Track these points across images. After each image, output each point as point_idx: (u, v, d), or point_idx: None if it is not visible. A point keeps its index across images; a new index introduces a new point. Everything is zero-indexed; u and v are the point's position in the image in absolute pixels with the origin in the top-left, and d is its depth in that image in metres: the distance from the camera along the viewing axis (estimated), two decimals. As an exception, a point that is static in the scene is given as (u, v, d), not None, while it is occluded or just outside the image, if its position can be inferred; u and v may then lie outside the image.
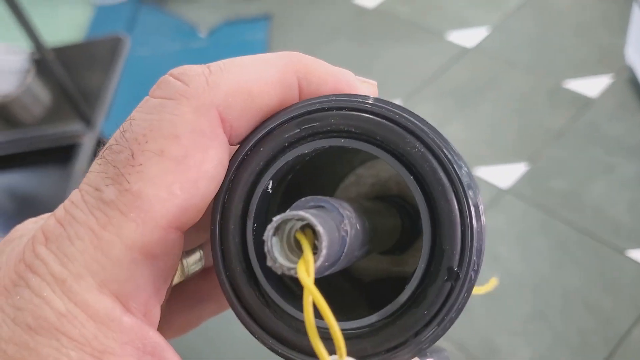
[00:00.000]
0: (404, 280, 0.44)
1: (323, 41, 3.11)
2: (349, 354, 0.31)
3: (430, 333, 0.31)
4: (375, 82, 0.39)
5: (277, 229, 0.28)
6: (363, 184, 0.47)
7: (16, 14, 1.87)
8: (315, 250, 0.27)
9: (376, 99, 0.33)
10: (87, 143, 2.07)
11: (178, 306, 0.43)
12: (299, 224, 0.28)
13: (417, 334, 0.31)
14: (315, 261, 0.27)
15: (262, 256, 0.33)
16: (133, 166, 0.30)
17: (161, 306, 0.33)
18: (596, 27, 2.87)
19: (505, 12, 3.05)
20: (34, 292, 0.29)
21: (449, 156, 0.31)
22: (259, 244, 0.34)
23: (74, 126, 2.12)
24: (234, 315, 0.34)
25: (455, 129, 2.47)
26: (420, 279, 0.32)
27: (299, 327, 0.32)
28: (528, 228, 2.12)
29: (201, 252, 0.41)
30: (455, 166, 0.31)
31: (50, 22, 3.35)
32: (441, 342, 0.33)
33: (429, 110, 2.59)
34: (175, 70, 0.33)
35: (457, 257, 0.31)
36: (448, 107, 2.61)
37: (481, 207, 0.32)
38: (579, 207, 2.14)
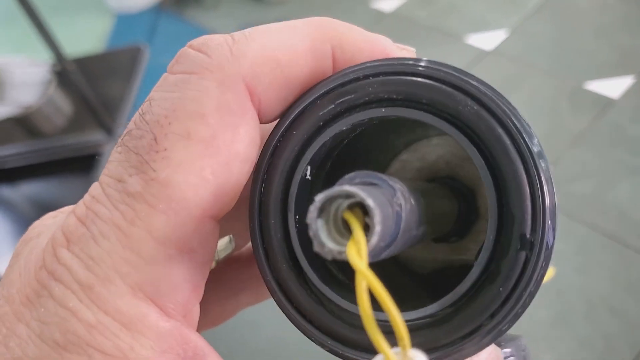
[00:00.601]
0: (466, 268, 0.41)
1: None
2: (418, 345, 0.28)
3: (508, 312, 0.27)
4: (413, 49, 0.36)
5: (322, 210, 0.24)
6: (409, 170, 0.43)
7: (37, 26, 1.89)
8: (367, 229, 0.24)
9: (414, 59, 0.30)
10: (109, 152, 2.07)
11: (213, 296, 0.39)
12: (346, 202, 0.24)
13: (493, 314, 0.28)
14: (367, 241, 0.23)
15: (309, 250, 0.30)
16: (157, 152, 0.27)
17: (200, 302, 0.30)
18: (617, 28, 2.83)
19: (524, 14, 3.02)
20: (59, 302, 0.26)
21: (506, 109, 0.28)
22: (304, 237, 0.31)
23: (95, 136, 2.13)
24: (275, 312, 0.31)
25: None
26: (490, 251, 0.28)
27: (359, 323, 0.29)
28: (551, 232, 2.09)
29: (230, 235, 0.38)
30: (514, 119, 0.28)
31: (71, 32, 3.38)
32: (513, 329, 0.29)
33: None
34: (195, 42, 0.30)
35: (529, 221, 0.27)
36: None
37: (548, 163, 0.29)
38: (603, 209, 2.11)
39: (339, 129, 0.30)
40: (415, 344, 0.28)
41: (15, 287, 0.28)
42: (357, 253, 0.23)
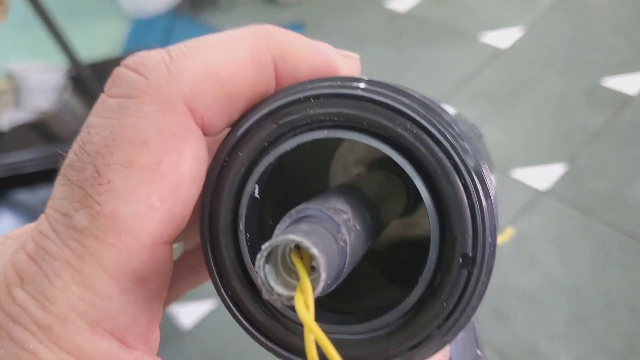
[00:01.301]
0: (418, 242, 0.41)
1: (356, 47, 3.08)
2: (369, 356, 0.29)
3: (452, 325, 0.29)
4: (357, 56, 0.35)
5: (269, 256, 0.25)
6: (359, 149, 0.43)
7: (52, 32, 1.90)
8: (314, 270, 0.25)
9: (356, 79, 0.30)
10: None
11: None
12: (293, 243, 0.25)
13: (439, 327, 0.29)
14: (314, 288, 0.24)
15: None
16: (101, 184, 0.26)
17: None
18: (634, 24, 2.81)
19: (539, 12, 3.01)
20: (20, 345, 0.26)
21: (445, 131, 0.28)
22: (255, 254, 0.31)
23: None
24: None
25: (491, 132, 2.44)
26: (433, 269, 0.29)
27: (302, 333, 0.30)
28: (567, 230, 2.07)
29: (181, 242, 0.38)
30: (453, 141, 0.28)
31: (88, 37, 3.40)
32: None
33: (465, 112, 2.55)
34: (131, 60, 0.28)
35: (470, 241, 0.28)
36: (484, 110, 2.58)
37: (488, 180, 0.29)
38: (621, 208, 2.09)
39: (284, 150, 0.30)
40: (365, 355, 0.30)
41: None
42: (305, 303, 0.24)
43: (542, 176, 2.24)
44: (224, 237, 0.31)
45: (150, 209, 0.26)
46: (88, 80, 2.04)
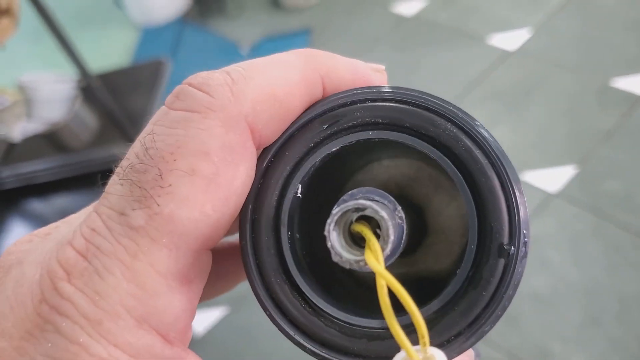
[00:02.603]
0: (422, 280, 0.43)
1: (364, 51, 3.10)
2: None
3: (491, 315, 0.30)
4: (383, 67, 0.37)
5: (337, 223, 0.27)
6: (376, 174, 0.45)
7: (62, 43, 1.92)
8: (377, 238, 0.27)
9: (396, 87, 0.32)
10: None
11: None
12: (355, 215, 0.27)
13: (477, 317, 0.30)
14: (383, 249, 0.26)
15: (301, 265, 0.33)
16: (162, 187, 0.28)
17: None
18: (644, 23, 2.80)
19: (548, 12, 3.00)
20: (68, 338, 0.27)
21: (483, 133, 0.31)
22: (296, 252, 0.33)
23: (122, 149, 2.15)
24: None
25: (501, 133, 2.43)
26: (472, 260, 0.31)
27: (352, 332, 0.32)
28: (580, 232, 2.06)
29: None
30: (489, 142, 0.31)
31: (98, 47, 3.43)
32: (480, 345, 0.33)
33: (475, 115, 2.52)
34: (194, 80, 0.31)
35: (506, 232, 0.30)
36: (493, 112, 2.57)
37: (519, 180, 0.31)
38: (634, 208, 2.08)
39: (329, 150, 0.32)
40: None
41: (10, 322, 0.28)
42: (375, 258, 0.26)
43: (553, 178, 2.24)
44: (266, 233, 0.32)
45: (203, 216, 0.28)
46: (98, 91, 2.06)
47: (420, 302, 0.31)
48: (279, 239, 0.32)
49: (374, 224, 0.28)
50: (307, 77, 0.32)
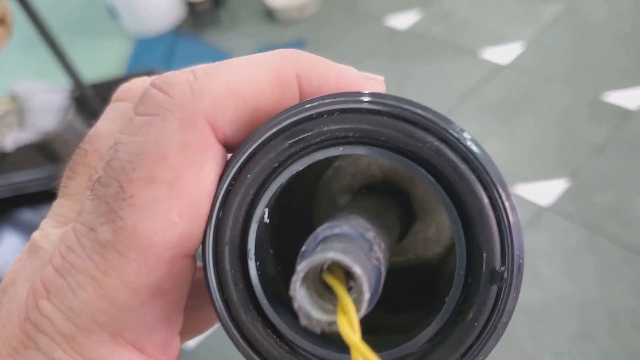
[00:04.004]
0: (409, 269, 0.40)
1: (357, 64, 3.07)
2: None
3: (483, 346, 0.28)
4: (382, 78, 0.35)
5: (304, 279, 0.24)
6: (343, 176, 0.42)
7: (55, 53, 1.92)
8: (349, 289, 0.23)
9: (372, 94, 0.28)
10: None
11: (189, 306, 0.38)
12: (327, 263, 0.24)
13: (469, 348, 0.28)
14: (358, 309, 0.23)
15: (274, 299, 0.30)
16: (124, 200, 0.27)
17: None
18: (635, 37, 2.82)
19: (540, 26, 3.02)
20: (45, 354, 0.27)
21: (469, 146, 0.27)
22: (268, 285, 0.30)
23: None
24: None
25: (493, 147, 2.44)
26: (461, 287, 0.28)
27: None
28: (572, 246, 2.07)
29: None
30: (477, 155, 0.27)
31: (91, 57, 3.42)
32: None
33: (466, 128, 2.55)
34: (158, 80, 0.29)
35: (498, 256, 0.27)
36: (485, 125, 2.58)
37: (512, 195, 0.28)
38: (626, 222, 2.08)
39: (296, 169, 0.29)
40: None
41: (2, 339, 0.28)
42: (349, 325, 0.23)
43: (545, 191, 2.24)
44: (231, 266, 0.29)
45: (169, 223, 0.27)
46: (91, 101, 2.05)
47: (411, 300, 0.30)
48: (246, 272, 0.29)
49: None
50: (280, 75, 0.30)
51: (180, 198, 0.27)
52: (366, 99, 0.28)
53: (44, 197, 2.23)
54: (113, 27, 3.90)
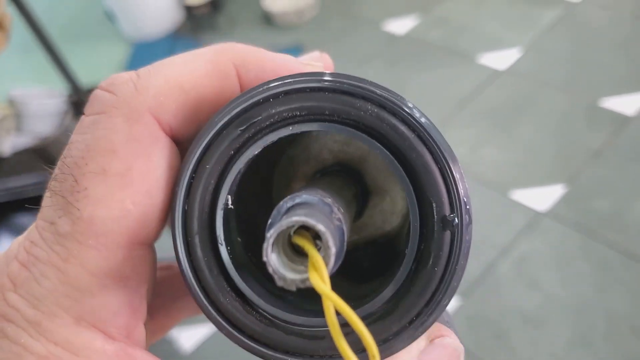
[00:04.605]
0: (372, 243, 0.42)
1: (355, 69, 3.11)
2: (374, 336, 0.29)
3: (446, 288, 0.30)
4: (320, 63, 0.37)
5: (274, 244, 0.26)
6: (297, 164, 0.44)
7: (53, 58, 1.92)
8: (317, 249, 0.26)
9: (307, 74, 0.31)
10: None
11: (155, 305, 0.40)
12: (296, 225, 0.26)
13: (434, 293, 0.30)
14: (326, 263, 0.25)
15: (249, 278, 0.32)
16: (79, 192, 0.29)
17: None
18: (633, 43, 2.83)
19: (538, 32, 3.03)
20: (12, 340, 0.28)
21: (405, 108, 0.30)
22: (241, 266, 0.32)
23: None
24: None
25: (490, 152, 2.44)
26: (417, 237, 0.30)
27: (313, 334, 0.31)
28: (568, 251, 2.07)
29: None
30: (414, 117, 0.30)
31: (89, 62, 3.42)
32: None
33: (464, 133, 2.57)
34: (104, 82, 0.32)
35: (447, 204, 0.30)
36: (483, 130, 2.58)
37: (450, 147, 0.30)
38: (622, 227, 2.09)
39: (252, 153, 0.31)
40: (374, 335, 0.29)
41: None
42: (320, 278, 0.25)
43: (542, 197, 2.24)
44: (204, 254, 0.31)
45: (124, 212, 0.29)
46: (89, 105, 2.06)
47: (376, 271, 0.31)
48: (219, 257, 0.31)
49: (313, 231, 0.27)
50: (217, 67, 0.32)
51: (132, 187, 0.29)
52: (298, 78, 0.30)
53: (41, 201, 2.23)
54: (111, 31, 3.90)
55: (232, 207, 0.32)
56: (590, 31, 2.97)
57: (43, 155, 2.20)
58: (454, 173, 0.30)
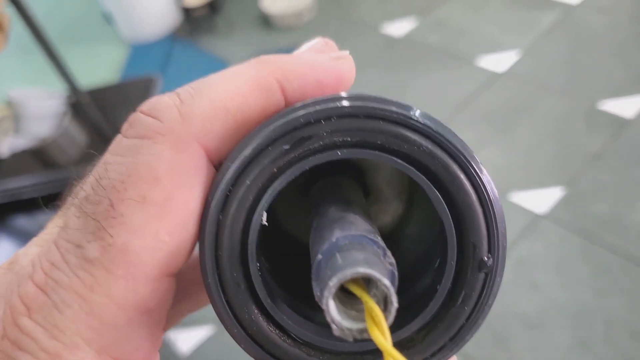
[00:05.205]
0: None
1: (354, 72, 3.11)
2: None
3: (472, 325, 0.30)
4: (347, 52, 0.36)
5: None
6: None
7: (52, 59, 1.92)
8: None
9: (360, 97, 0.30)
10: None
11: None
12: (356, 276, 0.25)
13: (460, 329, 0.30)
14: (386, 317, 0.25)
15: (276, 297, 0.31)
16: (114, 217, 0.27)
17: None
18: (631, 47, 2.83)
19: (536, 35, 3.03)
20: None
21: (457, 145, 0.30)
22: (269, 284, 0.31)
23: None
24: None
25: (490, 155, 2.44)
26: (452, 276, 0.31)
27: (325, 356, 0.31)
28: (568, 254, 2.07)
29: None
30: (467, 156, 0.30)
31: (87, 64, 3.42)
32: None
33: (462, 136, 2.53)
34: (145, 106, 0.30)
35: (485, 247, 0.30)
36: (482, 133, 2.58)
37: (493, 185, 0.30)
38: (621, 231, 2.08)
39: (294, 175, 0.30)
40: None
41: None
42: (380, 332, 0.24)
43: (541, 199, 2.24)
44: (233, 269, 0.30)
45: (158, 243, 0.28)
46: (87, 107, 2.05)
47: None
48: (247, 273, 0.30)
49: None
50: (260, 83, 0.31)
51: (170, 219, 0.28)
52: (352, 103, 0.30)
53: (39, 203, 2.22)
54: (109, 33, 3.90)
55: (266, 224, 0.30)
56: (589, 34, 2.97)
57: (41, 157, 2.19)
58: (497, 216, 0.30)
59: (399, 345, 0.31)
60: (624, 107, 2.51)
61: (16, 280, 0.29)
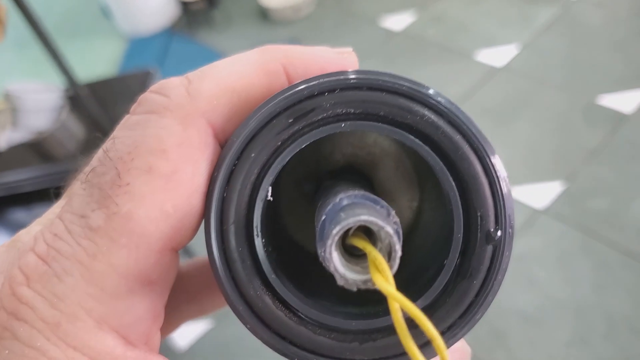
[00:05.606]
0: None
1: (352, 66, 3.10)
2: None
3: (482, 303, 0.30)
4: (350, 49, 0.36)
5: (336, 243, 0.25)
6: (305, 163, 0.42)
7: (50, 52, 1.91)
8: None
9: (364, 71, 0.30)
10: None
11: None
12: (353, 229, 0.25)
13: (469, 306, 0.30)
14: (391, 267, 0.25)
15: (281, 273, 0.31)
16: (120, 186, 0.27)
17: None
18: (629, 42, 2.83)
19: (535, 30, 3.02)
20: (25, 343, 0.26)
21: (461, 117, 0.30)
22: (274, 260, 0.31)
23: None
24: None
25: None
26: (459, 249, 0.30)
27: (342, 336, 0.30)
28: (567, 250, 2.07)
29: None
30: (469, 126, 0.29)
31: (85, 57, 3.41)
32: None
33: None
34: (154, 86, 0.31)
35: (492, 218, 0.29)
36: (481, 128, 2.58)
37: (499, 161, 0.30)
38: (621, 226, 2.09)
39: (299, 147, 0.30)
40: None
41: None
42: (384, 279, 0.25)
43: (540, 195, 2.24)
44: (238, 244, 0.30)
45: (163, 214, 0.28)
46: (85, 101, 2.05)
47: None
48: (253, 249, 0.30)
49: (366, 230, 0.26)
50: (266, 67, 0.31)
51: (175, 191, 0.28)
52: (356, 75, 0.30)
53: (37, 196, 2.22)
54: (107, 26, 3.90)
55: (271, 199, 0.30)
56: (587, 29, 2.97)
57: (39, 150, 2.19)
58: (503, 187, 0.29)
59: (407, 322, 0.30)
60: (623, 101, 2.51)
61: (17, 253, 0.29)
